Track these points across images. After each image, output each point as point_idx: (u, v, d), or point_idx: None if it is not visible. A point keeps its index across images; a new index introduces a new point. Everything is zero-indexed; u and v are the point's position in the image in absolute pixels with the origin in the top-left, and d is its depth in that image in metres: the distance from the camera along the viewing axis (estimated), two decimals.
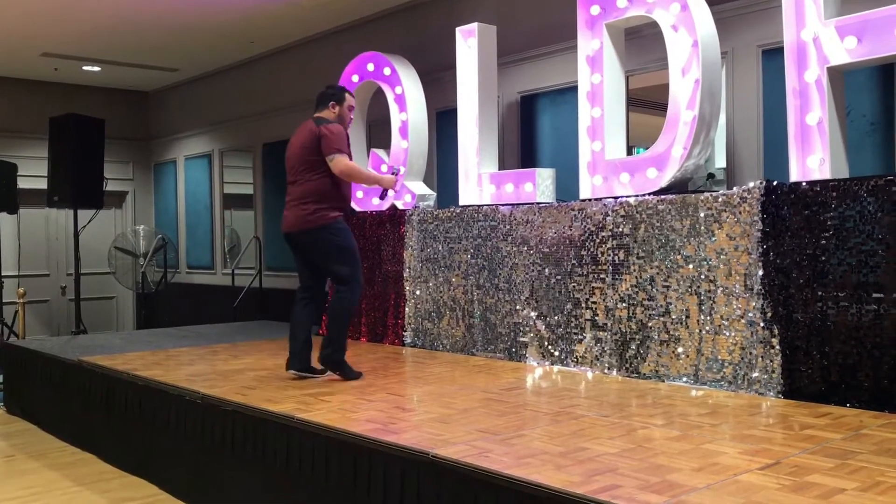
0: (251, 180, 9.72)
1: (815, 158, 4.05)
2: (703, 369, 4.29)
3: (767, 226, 4.02)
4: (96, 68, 9.81)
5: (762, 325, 4.02)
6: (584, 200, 5.04)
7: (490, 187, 5.81)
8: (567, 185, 5.54)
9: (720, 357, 4.22)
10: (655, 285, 4.53)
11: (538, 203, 5.35)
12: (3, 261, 9.37)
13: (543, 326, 5.15)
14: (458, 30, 6.00)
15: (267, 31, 8.37)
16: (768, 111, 4.98)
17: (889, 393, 3.61)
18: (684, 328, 4.38)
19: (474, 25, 5.89)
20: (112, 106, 10.81)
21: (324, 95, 4.84)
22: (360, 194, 6.74)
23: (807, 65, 4.08)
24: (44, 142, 9.14)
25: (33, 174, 9.87)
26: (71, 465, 5.23)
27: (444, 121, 6.94)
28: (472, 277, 5.66)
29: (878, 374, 3.64)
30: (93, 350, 6.24)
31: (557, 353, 5.07)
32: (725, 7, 5.08)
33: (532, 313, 5.23)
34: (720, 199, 4.26)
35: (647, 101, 6.02)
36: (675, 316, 4.43)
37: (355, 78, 6.82)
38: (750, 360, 4.08)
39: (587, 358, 4.88)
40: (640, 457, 2.92)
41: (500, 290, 5.46)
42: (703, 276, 4.31)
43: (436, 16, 7.12)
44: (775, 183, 4.04)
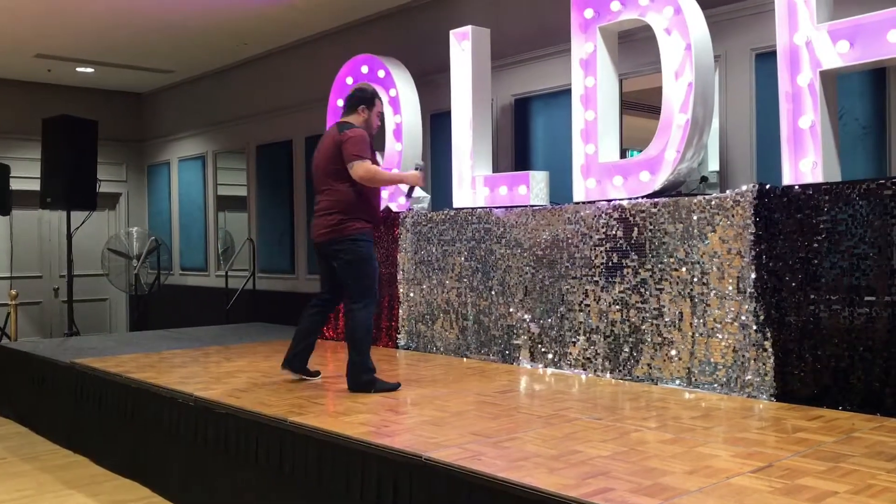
0: (245, 182, 9.70)
1: (807, 162, 4.06)
2: (696, 372, 4.30)
3: (760, 229, 4.03)
4: (90, 70, 9.79)
5: (755, 327, 4.03)
6: (577, 203, 5.05)
7: (484, 190, 5.81)
8: (561, 188, 5.55)
9: (713, 360, 4.23)
10: (649, 288, 4.53)
11: (532, 206, 5.36)
12: None
13: (537, 329, 5.16)
14: (452, 33, 6.01)
15: (261, 33, 8.36)
16: (761, 114, 4.99)
17: (881, 396, 3.62)
18: (677, 331, 4.39)
19: (468, 28, 5.90)
20: (106, 107, 10.78)
21: (354, 98, 4.61)
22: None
23: (799, 68, 4.10)
24: (37, 143, 9.13)
25: (26, 175, 9.83)
26: (63, 467, 5.21)
27: (438, 123, 6.94)
28: (465, 280, 5.66)
29: (870, 377, 3.66)
30: (85, 352, 6.22)
31: (551, 356, 5.07)
32: (718, 11, 5.10)
33: (526, 316, 5.23)
34: (713, 203, 4.27)
35: (641, 104, 6.04)
36: (668, 319, 4.44)
37: (349, 80, 6.82)
38: (743, 362, 4.09)
39: (580, 360, 4.89)
40: (632, 460, 2.92)
41: (493, 292, 5.46)
42: (696, 279, 4.32)
43: (430, 18, 7.13)
44: (768, 186, 4.05)
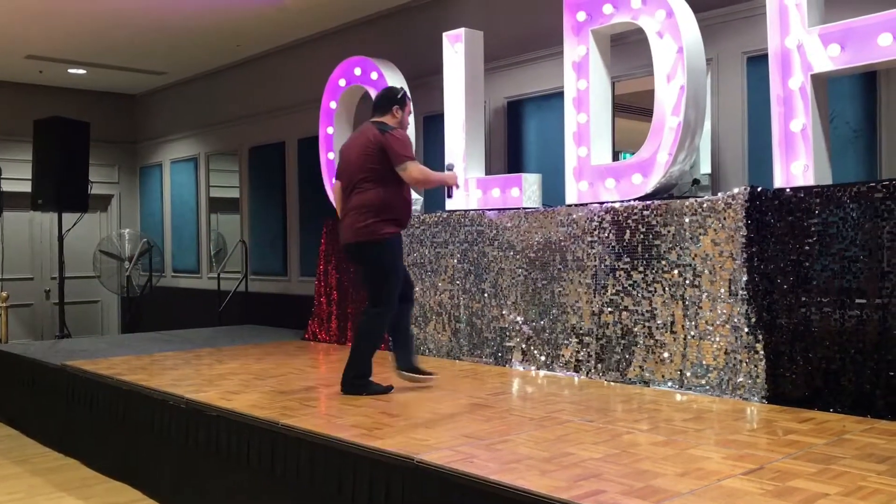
0: (237, 184, 9.68)
1: (798, 165, 4.08)
2: (688, 374, 4.30)
3: (752, 231, 4.04)
4: (82, 71, 9.76)
5: (746, 330, 4.04)
6: (570, 206, 5.06)
7: (477, 192, 5.81)
8: (553, 191, 5.55)
9: (705, 362, 4.23)
10: (641, 290, 4.54)
11: (524, 208, 5.37)
12: None
13: (529, 331, 5.16)
14: (445, 35, 6.01)
15: (254, 35, 8.35)
16: (753, 118, 5.01)
17: (871, 398, 3.64)
18: (669, 333, 4.40)
19: (461, 31, 5.91)
20: (98, 109, 10.74)
21: (386, 99, 4.52)
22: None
23: (791, 72, 4.11)
24: (28, 144, 9.10)
25: (17, 177, 9.80)
26: (54, 470, 5.18)
27: (431, 125, 6.94)
28: (458, 282, 5.66)
29: (861, 379, 3.67)
30: (77, 354, 6.20)
31: (543, 358, 5.07)
32: (710, 14, 5.11)
33: (518, 318, 5.23)
34: (705, 205, 4.28)
35: (633, 107, 6.05)
36: (660, 321, 4.44)
37: (342, 82, 6.82)
38: (734, 365, 4.09)
39: (573, 363, 4.89)
40: (624, 462, 2.93)
41: (486, 294, 5.46)
42: (688, 282, 4.32)
43: (423, 21, 7.13)
44: (760, 189, 4.07)
